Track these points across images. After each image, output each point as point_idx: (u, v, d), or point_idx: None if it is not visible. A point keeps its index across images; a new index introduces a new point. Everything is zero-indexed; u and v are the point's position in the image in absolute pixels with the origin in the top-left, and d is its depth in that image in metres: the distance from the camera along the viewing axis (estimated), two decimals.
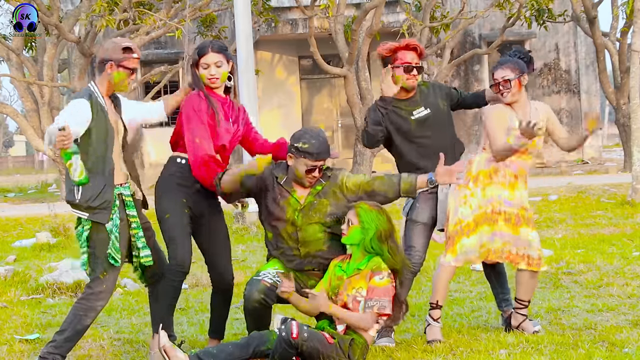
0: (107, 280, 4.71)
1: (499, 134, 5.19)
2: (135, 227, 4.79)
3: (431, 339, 5.20)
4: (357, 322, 4.71)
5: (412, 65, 5.33)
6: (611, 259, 7.82)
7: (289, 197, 4.94)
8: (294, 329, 4.48)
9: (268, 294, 4.83)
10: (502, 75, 5.25)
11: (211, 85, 5.00)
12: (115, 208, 4.68)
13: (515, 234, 5.21)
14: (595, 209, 12.01)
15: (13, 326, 6.10)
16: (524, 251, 5.22)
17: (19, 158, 53.80)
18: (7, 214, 14.43)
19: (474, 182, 5.25)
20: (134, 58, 4.73)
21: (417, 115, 5.37)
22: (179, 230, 4.91)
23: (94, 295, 4.71)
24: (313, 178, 4.92)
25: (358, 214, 4.80)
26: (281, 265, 5.03)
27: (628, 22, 18.05)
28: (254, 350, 4.59)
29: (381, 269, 4.77)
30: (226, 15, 21.06)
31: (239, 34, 11.51)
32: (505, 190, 5.23)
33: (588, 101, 23.34)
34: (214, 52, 4.97)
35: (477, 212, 5.21)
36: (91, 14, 14.37)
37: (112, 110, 4.82)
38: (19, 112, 18.22)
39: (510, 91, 5.24)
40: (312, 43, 17.44)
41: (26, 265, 9.02)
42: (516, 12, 17.52)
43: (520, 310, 5.37)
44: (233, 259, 9.03)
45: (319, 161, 4.89)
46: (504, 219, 5.21)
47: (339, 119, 23.75)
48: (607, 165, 21.30)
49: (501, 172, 5.24)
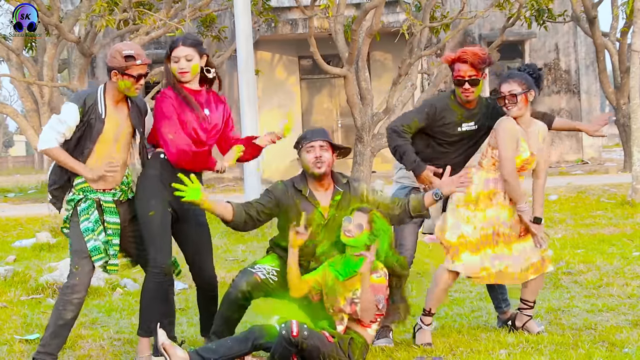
0: (80, 274, 4.78)
1: (510, 150, 5.14)
2: (111, 234, 4.83)
3: (421, 342, 5.18)
4: (369, 302, 4.68)
5: (464, 79, 5.23)
6: (611, 259, 7.82)
7: (314, 210, 4.97)
8: (294, 327, 4.49)
9: (255, 288, 4.91)
10: (509, 89, 5.17)
11: (181, 79, 5.00)
12: (92, 209, 4.78)
13: (509, 254, 5.21)
14: (595, 209, 12.01)
15: (13, 326, 6.10)
16: (527, 264, 5.22)
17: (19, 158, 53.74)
18: (7, 214, 14.42)
19: (475, 205, 5.22)
20: (138, 65, 4.76)
21: (465, 128, 5.34)
22: (160, 231, 4.90)
23: (69, 289, 4.79)
24: (318, 161, 4.97)
25: (372, 220, 4.80)
26: (278, 263, 5.05)
27: (628, 22, 18.03)
28: (253, 343, 4.62)
29: (378, 267, 4.77)
30: (226, 15, 21.05)
31: (239, 34, 11.50)
32: (504, 212, 5.23)
33: (588, 101, 23.33)
34: (184, 46, 5.01)
35: (479, 233, 5.19)
36: (91, 14, 14.36)
37: (123, 115, 4.87)
38: (19, 112, 18.20)
39: (516, 106, 5.17)
40: (312, 43, 17.43)
41: (26, 265, 9.01)
42: (516, 12, 17.50)
43: (525, 311, 5.38)
44: (233, 259, 9.09)
45: (315, 141, 4.99)
46: (504, 241, 5.22)
47: (339, 119, 23.75)
48: (607, 165, 21.29)
49: (500, 194, 5.22)
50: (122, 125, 4.89)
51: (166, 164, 4.94)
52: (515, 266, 5.21)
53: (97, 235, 4.78)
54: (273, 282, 5.01)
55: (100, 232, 4.79)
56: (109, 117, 4.83)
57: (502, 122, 5.21)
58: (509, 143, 5.14)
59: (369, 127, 17.84)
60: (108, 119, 4.82)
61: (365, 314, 4.70)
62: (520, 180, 5.24)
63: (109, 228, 4.83)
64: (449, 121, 5.30)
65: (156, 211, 4.89)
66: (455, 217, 5.22)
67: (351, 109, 18.03)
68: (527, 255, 5.24)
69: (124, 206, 4.95)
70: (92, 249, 4.77)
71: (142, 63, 4.80)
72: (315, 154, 4.98)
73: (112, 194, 4.87)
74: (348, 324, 4.77)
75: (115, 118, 4.86)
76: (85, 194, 4.80)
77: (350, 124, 20.69)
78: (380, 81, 22.69)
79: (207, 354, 4.60)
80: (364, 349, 4.75)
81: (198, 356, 4.60)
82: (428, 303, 5.30)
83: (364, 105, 17.90)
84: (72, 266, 4.81)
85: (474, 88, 5.24)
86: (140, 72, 4.80)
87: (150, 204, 4.90)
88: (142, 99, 5.12)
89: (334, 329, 4.76)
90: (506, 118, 5.22)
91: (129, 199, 4.98)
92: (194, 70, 5.00)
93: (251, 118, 11.08)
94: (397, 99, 18.17)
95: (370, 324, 4.78)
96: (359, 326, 4.78)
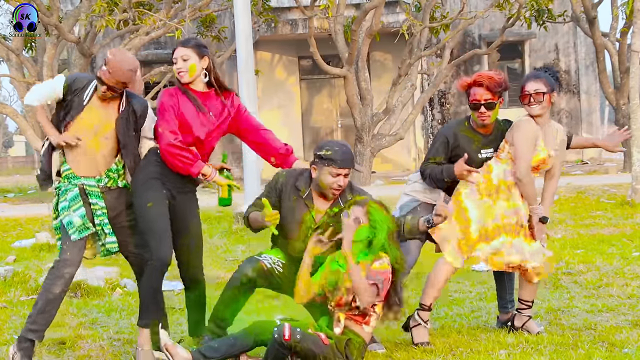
0: (69, 249, 4.85)
1: (527, 152, 5.18)
2: (101, 215, 4.92)
3: (419, 341, 5.17)
4: (360, 282, 4.64)
5: (480, 103, 5.22)
6: (611, 259, 7.82)
7: (307, 212, 4.93)
8: (285, 331, 4.47)
9: (260, 275, 4.90)
10: (535, 88, 5.24)
11: (180, 79, 5.00)
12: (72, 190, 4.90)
13: (531, 248, 5.24)
14: (594, 209, 12.01)
15: (13, 326, 6.10)
16: (535, 263, 5.23)
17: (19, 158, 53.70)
18: (7, 214, 14.40)
19: (496, 192, 5.24)
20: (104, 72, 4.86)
21: (484, 155, 5.33)
22: (160, 224, 4.88)
23: (60, 263, 4.85)
24: (338, 188, 4.90)
25: (369, 212, 4.78)
26: (283, 256, 5.04)
27: (628, 23, 18.03)
28: (255, 339, 4.62)
29: (381, 256, 4.75)
30: (226, 16, 21.06)
31: (239, 34, 11.50)
32: (524, 205, 5.27)
33: (588, 101, 23.35)
34: (182, 47, 5.02)
35: (499, 221, 5.21)
36: (91, 14, 14.36)
37: (104, 113, 4.93)
38: (18, 112, 18.18)
39: (541, 105, 5.23)
40: (312, 43, 17.43)
41: (26, 265, 9.01)
42: (516, 13, 17.51)
43: (524, 311, 5.38)
44: (233, 259, 9.08)
45: (343, 169, 4.86)
46: (524, 234, 5.25)
47: (339, 119, 23.75)
48: (607, 165, 21.29)
49: (509, 186, 5.28)
50: (104, 122, 4.93)
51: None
52: (530, 264, 5.23)
53: (73, 212, 4.85)
54: (278, 272, 4.99)
55: (78, 208, 4.86)
56: (90, 108, 4.91)
57: (522, 123, 5.25)
58: (526, 144, 5.18)
59: (369, 127, 17.86)
60: (88, 109, 4.91)
61: (362, 296, 4.64)
62: (534, 180, 5.26)
63: (96, 209, 4.91)
64: (467, 149, 5.28)
65: (154, 203, 4.89)
66: (475, 206, 5.25)
67: (351, 109, 18.04)
68: (538, 255, 5.25)
69: (114, 193, 4.99)
70: (67, 223, 4.84)
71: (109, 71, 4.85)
72: (339, 183, 4.89)
73: (97, 180, 4.94)
74: (346, 323, 4.75)
75: (98, 113, 4.92)
76: (69, 181, 4.92)
77: (350, 124, 20.70)
78: (380, 81, 22.70)
79: (210, 353, 4.62)
80: (363, 348, 4.74)
81: (201, 355, 4.61)
82: (426, 298, 5.28)
83: (363, 106, 17.90)
84: (62, 244, 4.89)
85: (490, 112, 5.23)
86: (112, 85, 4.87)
87: (148, 196, 4.90)
88: (143, 101, 5.11)
89: (332, 329, 4.75)
90: (526, 119, 5.26)
91: (120, 187, 5.00)
92: (191, 70, 4.99)
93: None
94: (397, 99, 18.18)
95: (369, 319, 4.74)
96: (356, 325, 4.76)
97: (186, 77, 5.00)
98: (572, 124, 23.16)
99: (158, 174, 4.94)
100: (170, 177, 4.96)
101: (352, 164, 4.90)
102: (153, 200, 4.89)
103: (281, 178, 5.06)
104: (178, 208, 5.04)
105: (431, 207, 5.33)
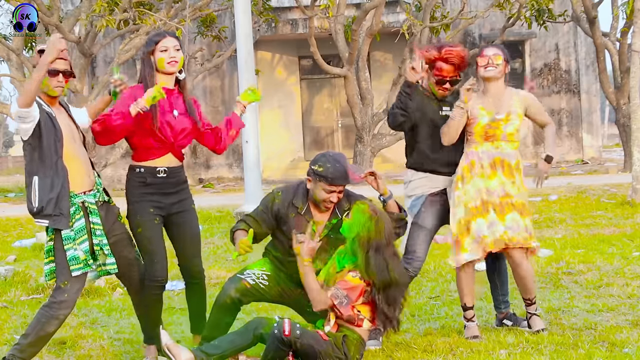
0: (69, 290, 4.55)
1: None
2: (99, 235, 4.65)
3: (469, 335, 5.30)
4: (316, 294, 4.66)
5: (446, 79, 5.38)
6: (611, 259, 7.82)
7: (309, 226, 4.91)
8: (286, 327, 4.48)
9: (244, 294, 4.95)
10: (494, 52, 5.38)
11: (170, 69, 4.94)
12: (78, 216, 4.57)
13: (502, 222, 5.26)
14: (595, 209, 12.00)
15: (13, 326, 6.10)
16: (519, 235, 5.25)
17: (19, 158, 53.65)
18: (7, 214, 14.41)
19: (462, 181, 5.35)
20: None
21: (445, 113, 5.45)
22: (153, 245, 4.91)
23: (56, 304, 4.57)
24: (330, 204, 4.92)
25: (353, 210, 4.79)
26: (270, 267, 5.07)
27: (628, 22, 18.02)
28: (254, 334, 4.63)
29: (358, 268, 4.74)
30: (226, 15, 21.05)
31: (239, 34, 11.51)
32: (492, 181, 5.31)
33: (588, 101, 23.34)
34: (173, 37, 4.98)
35: (470, 206, 5.30)
36: (91, 14, 14.37)
37: (65, 116, 4.70)
38: None
39: (497, 68, 5.35)
40: (312, 43, 17.43)
41: (26, 265, 9.01)
42: (516, 12, 17.52)
43: (528, 308, 5.44)
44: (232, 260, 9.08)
45: (335, 186, 4.86)
46: (493, 209, 5.30)
47: (339, 119, 23.75)
48: (607, 165, 21.29)
49: (477, 165, 5.33)
50: (71, 125, 4.72)
51: (144, 174, 4.91)
52: (510, 232, 5.25)
53: (79, 245, 4.56)
54: (263, 287, 5.03)
55: (83, 241, 4.57)
56: (58, 117, 4.62)
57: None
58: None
59: (369, 127, 17.87)
60: (58, 118, 4.61)
61: (314, 301, 4.68)
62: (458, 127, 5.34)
63: (96, 229, 4.64)
64: (430, 104, 5.45)
65: (145, 225, 4.89)
66: (453, 201, 5.36)
67: (351, 109, 18.04)
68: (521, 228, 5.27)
69: (103, 209, 4.76)
70: (70, 258, 4.53)
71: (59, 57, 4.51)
72: (332, 199, 4.90)
73: (94, 195, 4.69)
74: (339, 322, 4.74)
75: (62, 117, 4.66)
76: (70, 199, 4.56)
77: (350, 124, 20.70)
78: (380, 81, 22.70)
79: (211, 350, 4.64)
80: (360, 345, 4.72)
81: (202, 353, 4.62)
82: (461, 299, 5.42)
83: (364, 105, 17.90)
84: (60, 281, 4.56)
85: (452, 87, 5.44)
86: (56, 68, 4.55)
87: (140, 220, 4.89)
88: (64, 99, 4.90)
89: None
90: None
91: (105, 201, 4.80)
92: (181, 61, 4.98)
93: (251, 118, 11.08)
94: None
95: (360, 323, 4.73)
96: (348, 324, 4.74)
97: (177, 67, 4.98)
98: (572, 124, 23.16)
99: (140, 195, 4.91)
100: (154, 196, 4.91)
101: (346, 180, 4.88)
102: (142, 225, 4.90)
103: (277, 199, 5.04)
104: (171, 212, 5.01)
105: (438, 197, 5.44)
